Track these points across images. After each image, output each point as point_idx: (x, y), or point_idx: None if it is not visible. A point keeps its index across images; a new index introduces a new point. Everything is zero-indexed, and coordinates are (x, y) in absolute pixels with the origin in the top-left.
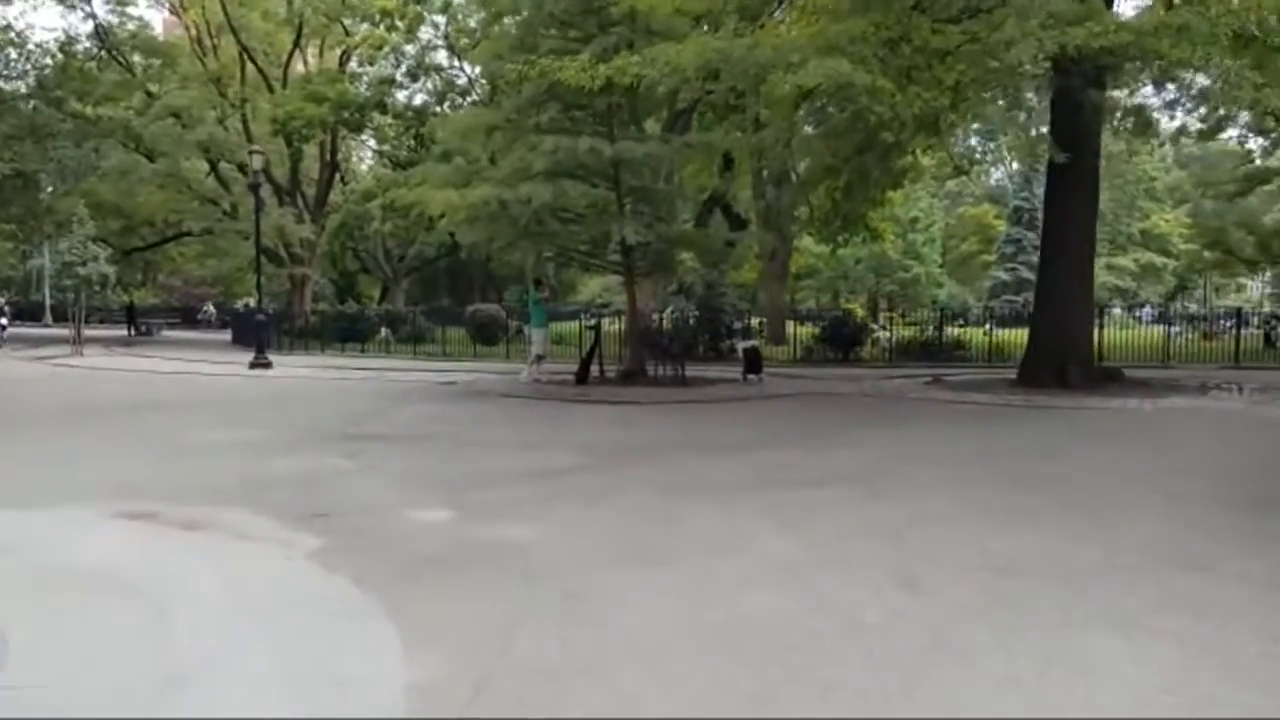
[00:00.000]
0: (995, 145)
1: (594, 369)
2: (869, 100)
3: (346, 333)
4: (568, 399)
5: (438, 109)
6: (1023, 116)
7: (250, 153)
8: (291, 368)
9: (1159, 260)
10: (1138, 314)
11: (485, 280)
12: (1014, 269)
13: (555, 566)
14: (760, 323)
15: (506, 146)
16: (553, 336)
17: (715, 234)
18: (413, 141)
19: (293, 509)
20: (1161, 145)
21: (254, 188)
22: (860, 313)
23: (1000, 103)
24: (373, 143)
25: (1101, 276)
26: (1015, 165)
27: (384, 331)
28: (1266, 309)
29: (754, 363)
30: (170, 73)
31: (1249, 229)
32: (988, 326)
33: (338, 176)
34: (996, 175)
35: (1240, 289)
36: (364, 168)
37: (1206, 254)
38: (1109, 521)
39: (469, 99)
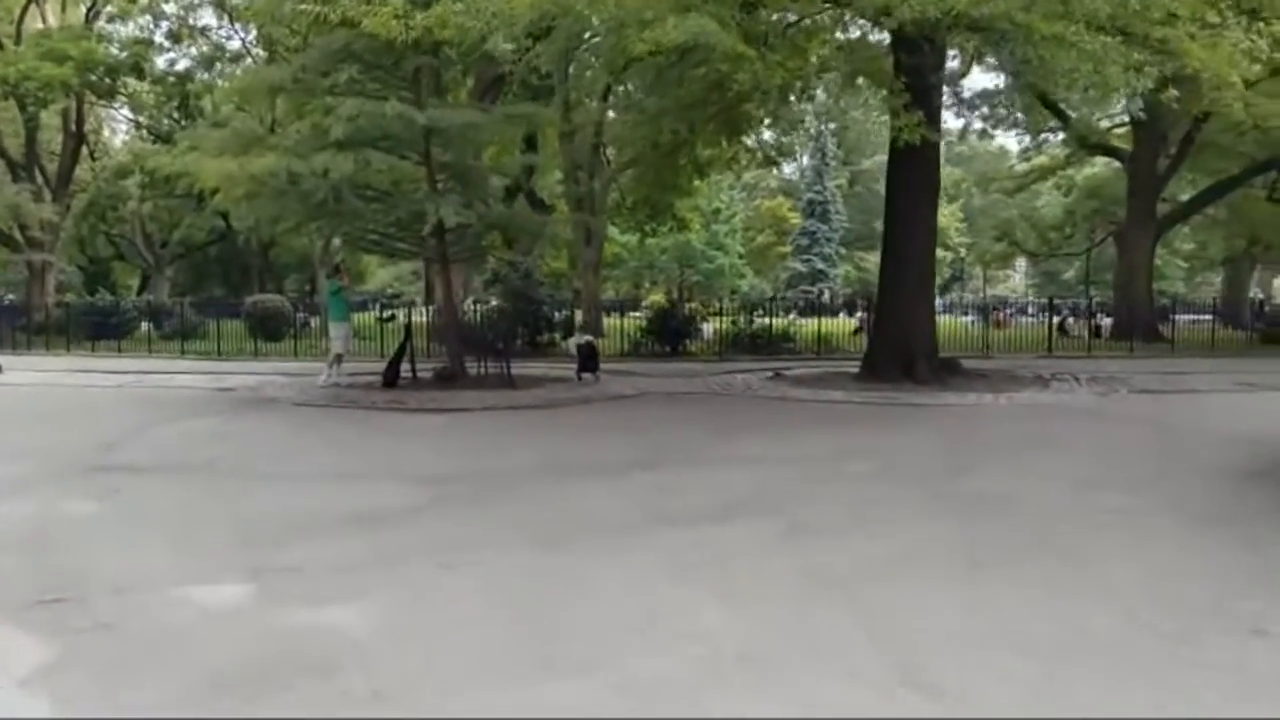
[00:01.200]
0: (803, 133)
1: (404, 369)
2: (730, 67)
3: (99, 328)
4: (380, 407)
5: (205, 75)
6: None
7: None
8: (26, 371)
9: (939, 253)
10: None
11: (263, 268)
12: (809, 260)
13: (413, 684)
14: (581, 315)
15: (294, 112)
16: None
17: (539, 218)
18: (176, 112)
19: (8, 591)
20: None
21: None
22: (664, 303)
23: (860, 82)
24: (128, 112)
25: None
26: (807, 159)
27: (145, 326)
28: (1030, 296)
29: (590, 360)
30: None
31: (1031, 222)
32: (792, 316)
33: (85, 150)
34: (789, 169)
35: (1007, 279)
36: (118, 142)
37: (997, 246)
38: (1097, 561)
39: (241, 67)
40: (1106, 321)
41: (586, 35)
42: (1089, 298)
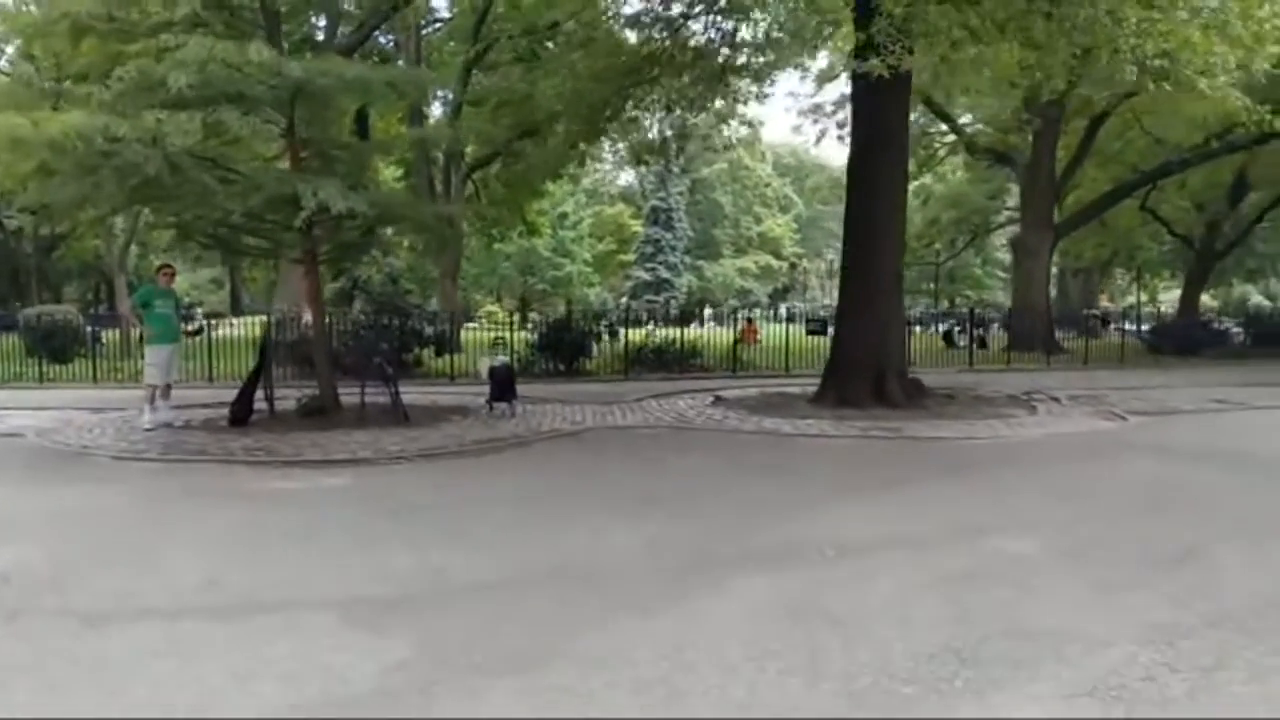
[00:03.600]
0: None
1: (258, 400)
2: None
3: None
4: (241, 459)
5: None
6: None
7: None
8: None
9: (775, 262)
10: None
11: (32, 273)
12: (653, 268)
13: None
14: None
15: (108, 60)
16: None
17: (444, 210)
18: None
19: None
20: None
21: None
22: (501, 315)
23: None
24: None
25: (728, 277)
26: (649, 165)
27: None
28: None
29: (506, 387)
30: None
31: None
32: (650, 327)
33: None
34: (628, 176)
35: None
36: None
37: None
38: None
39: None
40: (999, 332)
41: None
42: (970, 309)
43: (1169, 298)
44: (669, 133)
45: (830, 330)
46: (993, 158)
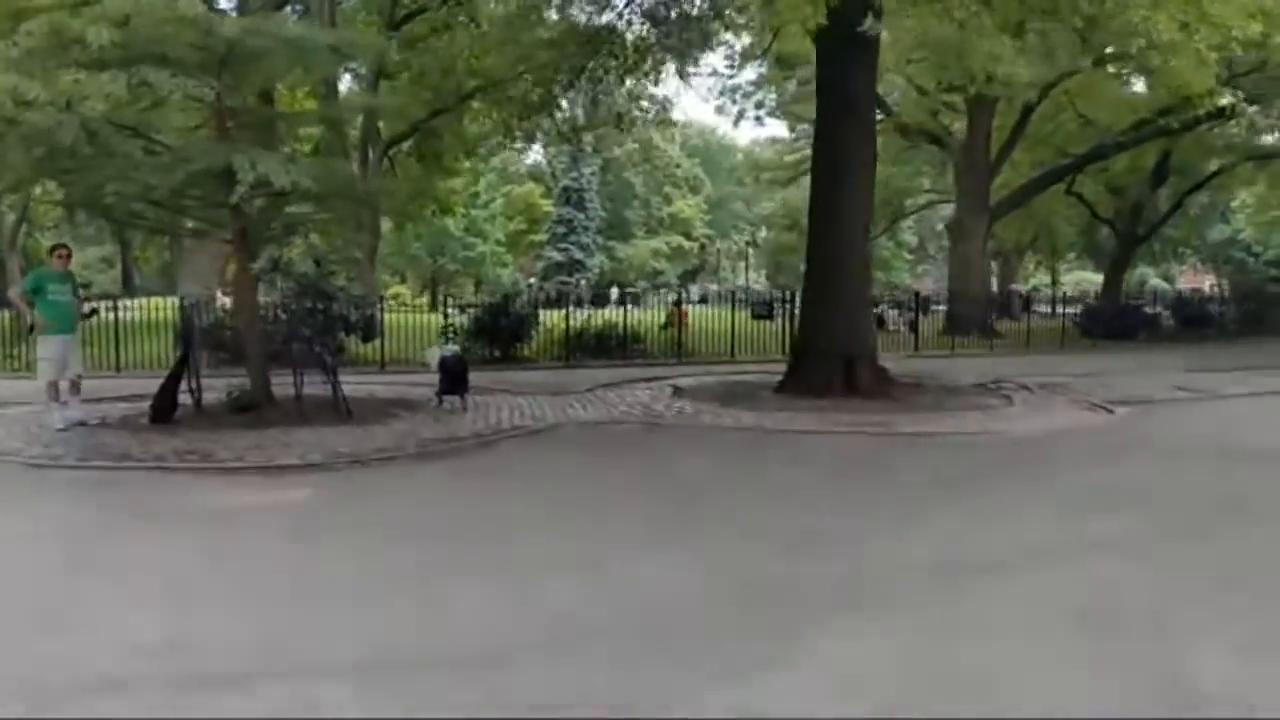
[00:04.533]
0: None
1: (181, 394)
2: None
3: None
4: (174, 465)
5: None
6: None
7: None
8: None
9: (686, 243)
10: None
11: None
12: (566, 249)
13: None
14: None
15: (8, 16)
16: None
17: (386, 184)
18: None
19: None
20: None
21: None
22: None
23: None
24: None
25: (641, 258)
26: (560, 145)
27: None
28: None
29: (458, 379)
30: None
31: None
32: (575, 309)
33: None
34: (535, 154)
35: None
36: None
37: (785, 236)
38: None
39: None
40: (932, 316)
41: None
42: (916, 293)
43: (1070, 279)
44: (582, 111)
45: (777, 315)
46: (925, 138)
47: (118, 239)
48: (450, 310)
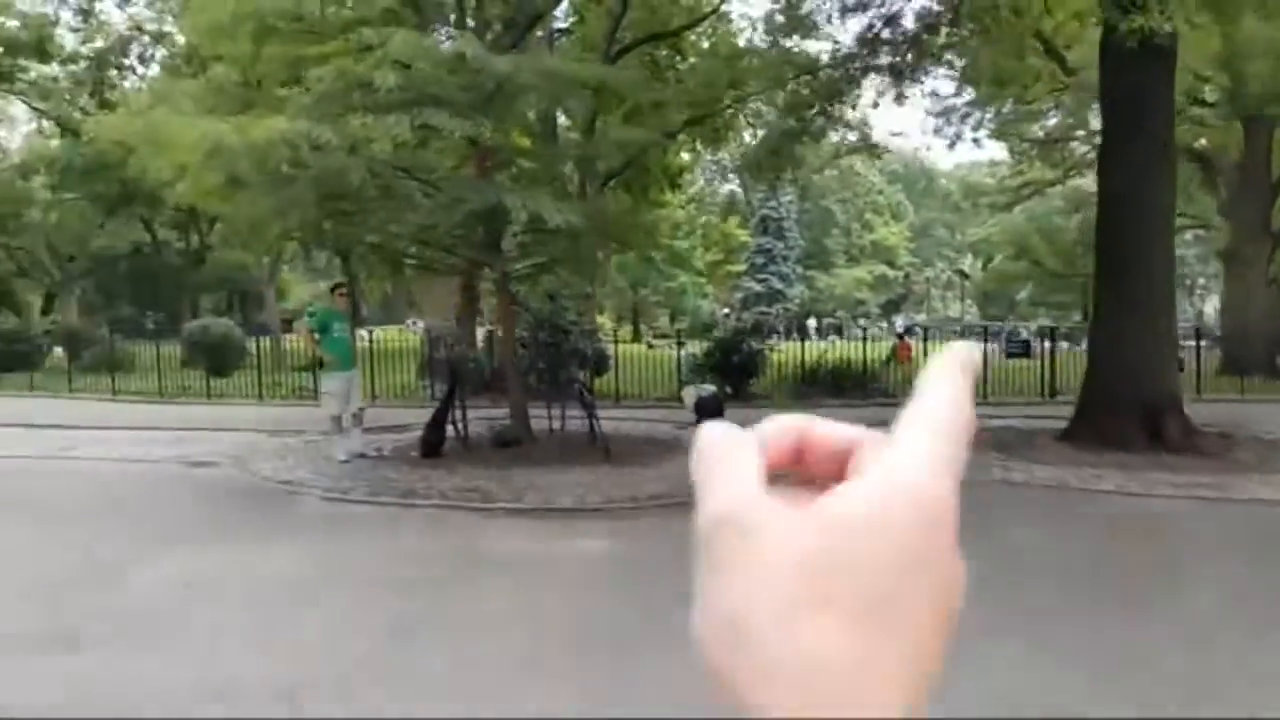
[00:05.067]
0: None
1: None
2: None
3: (3, 357)
4: (452, 502)
5: (124, 60)
6: None
7: None
8: None
9: (890, 272)
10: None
11: (177, 286)
12: (765, 279)
13: None
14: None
15: (288, 65)
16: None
17: (647, 219)
18: (90, 99)
19: None
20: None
21: None
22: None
23: None
24: (28, 103)
25: (843, 287)
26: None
27: (57, 352)
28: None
29: (714, 418)
30: None
31: (1047, 238)
32: (774, 340)
33: None
34: (731, 184)
35: (959, 299)
36: (17, 141)
37: (1013, 265)
38: None
39: (162, 51)
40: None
41: None
42: (1195, 328)
43: None
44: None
45: (1035, 353)
46: (1187, 156)
47: (346, 273)
48: (671, 344)
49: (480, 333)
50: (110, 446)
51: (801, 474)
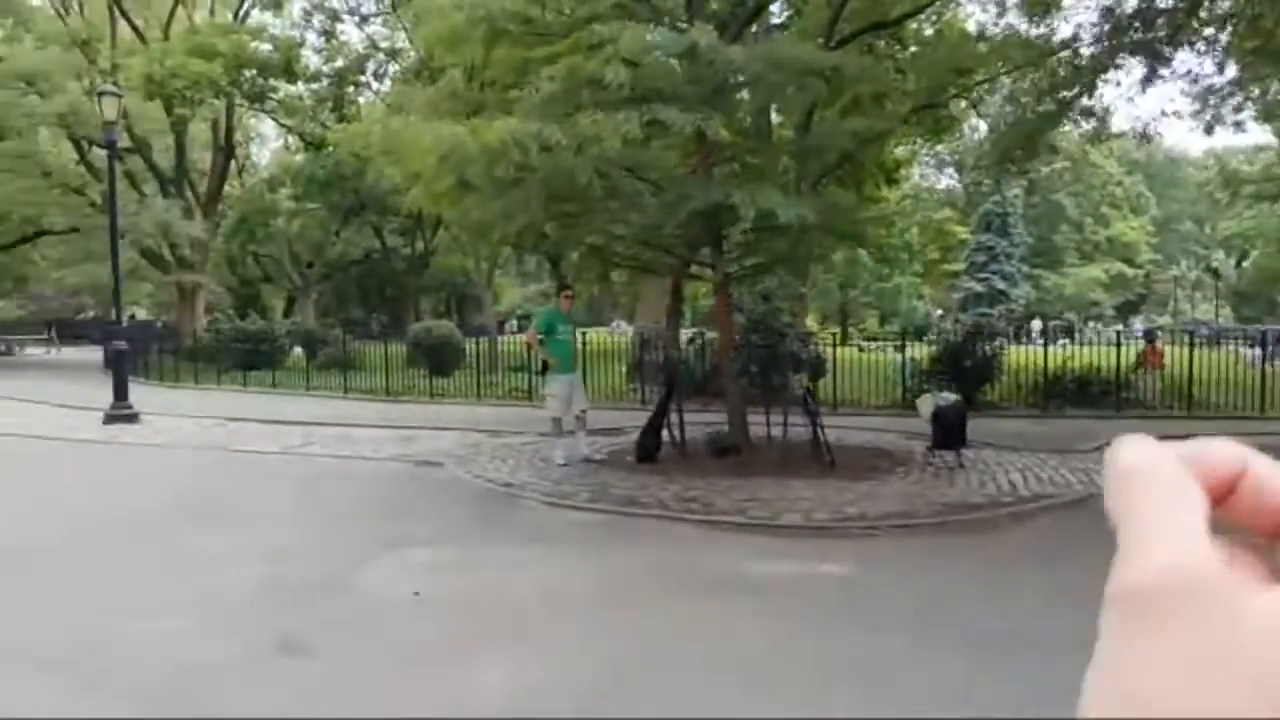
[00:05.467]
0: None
1: (664, 430)
2: None
3: (249, 357)
4: (673, 513)
5: (361, 76)
6: None
7: (99, 94)
8: (167, 417)
9: (1129, 270)
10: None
11: (401, 290)
12: (986, 279)
13: None
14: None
15: (514, 68)
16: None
17: (877, 213)
18: (330, 114)
19: None
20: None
21: (109, 146)
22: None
23: None
24: (276, 122)
25: (1075, 287)
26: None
27: (296, 352)
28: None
29: (954, 432)
30: (24, 33)
31: None
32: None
33: (234, 166)
34: (949, 179)
35: (1207, 300)
36: (265, 157)
37: (1275, 260)
38: None
39: (395, 66)
40: None
41: None
42: None
43: None
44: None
45: None
46: None
47: (556, 277)
48: (884, 346)
49: (684, 335)
50: (343, 444)
51: (1226, 519)
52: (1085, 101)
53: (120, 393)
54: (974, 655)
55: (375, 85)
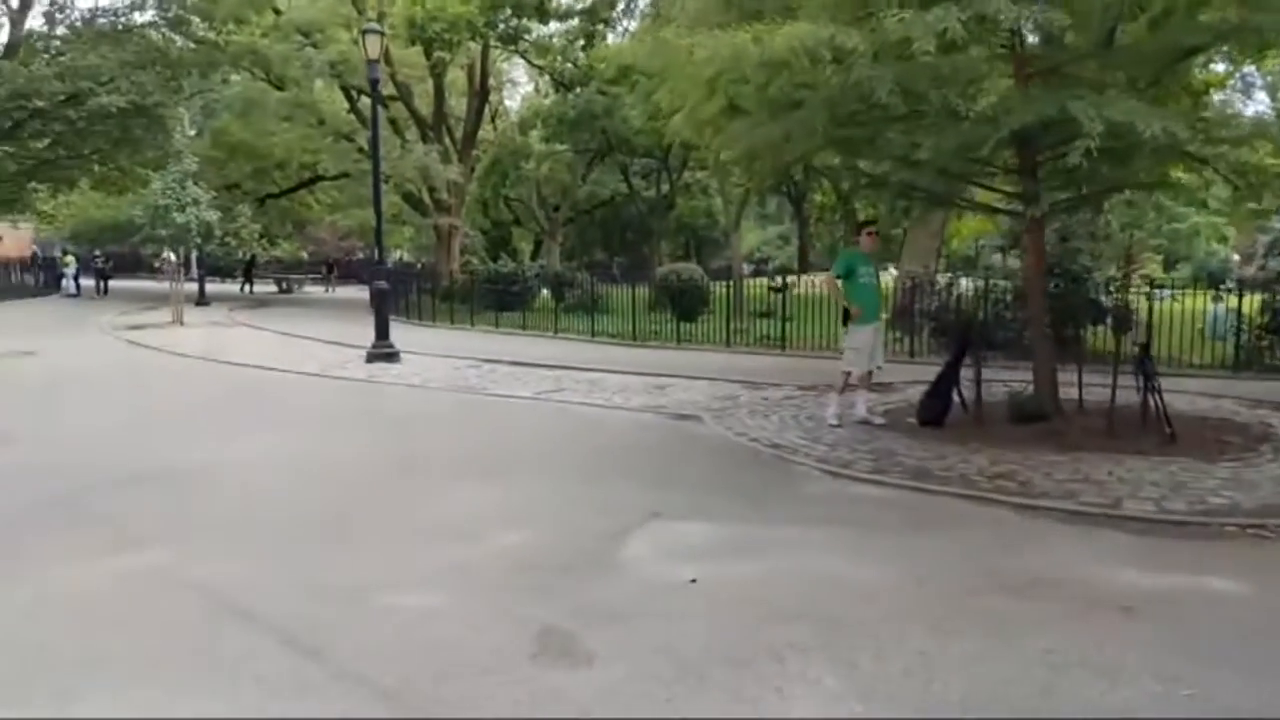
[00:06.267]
0: None
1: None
2: None
3: (501, 298)
4: (981, 491)
5: (612, 12)
6: None
7: (363, 32)
8: (425, 357)
9: None
10: None
11: (641, 233)
12: None
13: None
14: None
15: None
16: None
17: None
18: (582, 54)
19: None
20: None
21: (373, 85)
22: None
23: None
24: (527, 66)
25: None
26: None
27: (544, 294)
28: None
29: None
30: None
31: None
32: None
33: (487, 111)
34: (1258, 105)
35: None
36: (514, 103)
37: None
38: None
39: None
40: None
41: None
42: None
43: None
44: None
45: None
46: None
47: (797, 218)
48: (1176, 294)
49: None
50: (594, 390)
51: None
52: None
53: (382, 332)
54: None
55: (624, 23)
